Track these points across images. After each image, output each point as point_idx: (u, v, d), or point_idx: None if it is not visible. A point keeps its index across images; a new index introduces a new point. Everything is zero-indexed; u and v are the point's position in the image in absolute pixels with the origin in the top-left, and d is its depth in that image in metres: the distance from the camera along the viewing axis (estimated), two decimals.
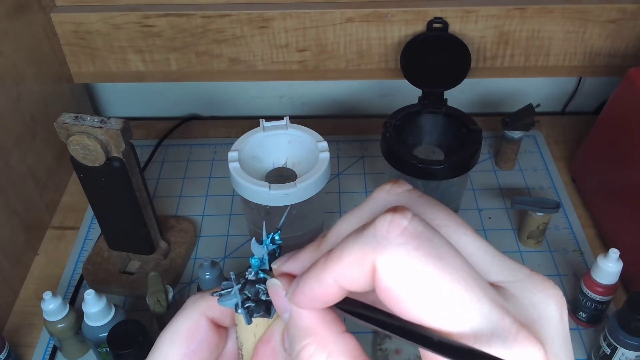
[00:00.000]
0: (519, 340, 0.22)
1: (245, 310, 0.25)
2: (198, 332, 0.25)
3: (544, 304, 0.25)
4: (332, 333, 0.24)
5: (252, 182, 0.65)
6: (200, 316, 0.26)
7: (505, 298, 0.24)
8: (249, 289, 0.25)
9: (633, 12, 0.81)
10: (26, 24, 0.77)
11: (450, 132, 0.76)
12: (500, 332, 0.22)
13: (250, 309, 0.25)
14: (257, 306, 0.25)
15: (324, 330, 0.23)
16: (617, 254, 0.62)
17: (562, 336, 0.26)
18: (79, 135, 0.59)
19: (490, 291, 0.23)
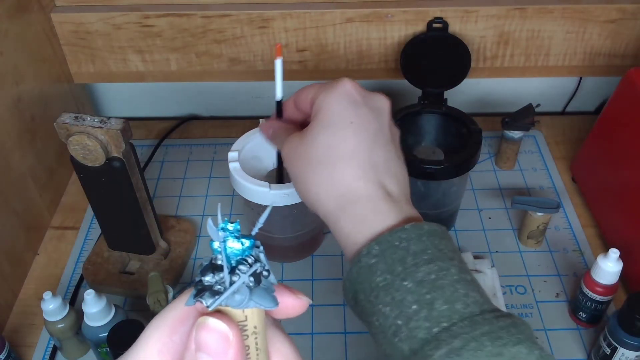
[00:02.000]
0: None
1: (268, 292, 0.24)
2: (183, 323, 0.25)
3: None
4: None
5: (252, 182, 0.65)
6: (186, 309, 0.26)
7: None
8: (244, 275, 0.24)
9: (633, 12, 0.81)
10: (26, 24, 0.77)
11: (450, 132, 0.76)
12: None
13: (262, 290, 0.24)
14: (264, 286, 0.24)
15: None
16: (617, 254, 0.62)
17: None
18: (79, 135, 0.59)
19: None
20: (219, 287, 0.24)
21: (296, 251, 0.76)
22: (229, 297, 0.23)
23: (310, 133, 0.48)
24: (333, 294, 0.72)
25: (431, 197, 0.74)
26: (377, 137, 0.48)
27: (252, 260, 0.24)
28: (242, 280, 0.24)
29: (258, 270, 0.24)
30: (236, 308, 0.24)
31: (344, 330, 0.68)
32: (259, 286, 0.24)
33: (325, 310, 0.70)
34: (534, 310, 0.69)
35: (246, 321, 0.24)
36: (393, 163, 0.49)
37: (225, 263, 0.24)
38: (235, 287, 0.23)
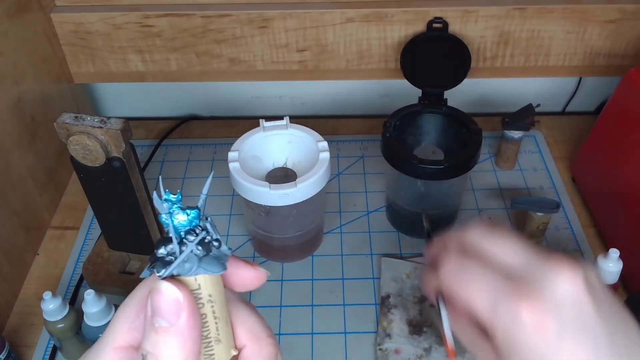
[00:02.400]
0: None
1: (219, 261, 0.25)
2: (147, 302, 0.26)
3: (553, 283, 0.32)
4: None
5: (252, 182, 0.65)
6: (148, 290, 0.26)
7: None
8: (192, 244, 0.25)
9: (633, 12, 0.81)
10: (26, 24, 0.77)
11: (450, 132, 0.76)
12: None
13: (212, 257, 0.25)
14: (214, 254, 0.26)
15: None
16: (617, 254, 0.62)
17: (578, 317, 0.32)
18: (79, 135, 0.59)
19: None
20: (170, 257, 0.25)
21: (296, 251, 0.76)
22: (179, 265, 0.25)
23: None
24: (333, 294, 0.72)
25: (431, 197, 0.74)
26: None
27: (199, 230, 0.25)
28: (190, 248, 0.25)
29: (206, 239, 0.25)
30: (186, 275, 0.25)
31: (344, 330, 0.68)
32: (208, 255, 0.25)
33: (325, 310, 0.70)
34: None
35: (200, 289, 0.25)
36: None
37: (173, 234, 0.25)
38: (183, 256, 0.25)
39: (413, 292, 0.70)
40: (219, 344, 0.26)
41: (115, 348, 0.26)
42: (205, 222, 0.26)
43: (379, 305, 0.70)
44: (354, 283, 0.73)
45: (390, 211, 0.80)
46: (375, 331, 0.68)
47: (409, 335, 0.65)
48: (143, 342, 0.25)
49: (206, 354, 0.26)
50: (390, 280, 0.71)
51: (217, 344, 0.26)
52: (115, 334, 0.27)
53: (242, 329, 0.27)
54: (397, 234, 0.79)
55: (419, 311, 0.68)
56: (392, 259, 0.74)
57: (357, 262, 0.75)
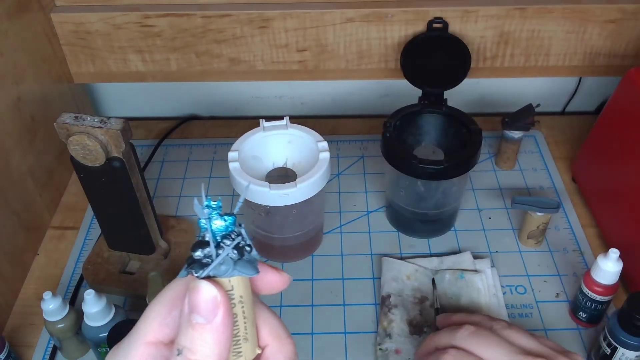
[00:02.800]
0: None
1: (248, 264, 0.27)
2: (180, 299, 0.27)
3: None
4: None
5: (252, 182, 0.65)
6: (183, 286, 0.28)
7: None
8: (228, 248, 0.27)
9: (633, 12, 0.81)
10: (26, 24, 0.77)
11: (450, 132, 0.76)
12: None
13: (246, 261, 0.27)
14: (247, 258, 0.27)
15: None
16: (617, 254, 0.62)
17: None
18: (79, 135, 0.59)
19: None
20: (207, 260, 0.27)
21: (296, 251, 0.76)
22: (216, 267, 0.26)
23: None
24: (333, 294, 0.72)
25: (431, 197, 0.74)
26: None
27: (235, 236, 0.27)
28: (226, 252, 0.27)
29: (240, 244, 0.27)
30: (222, 277, 0.27)
31: (344, 330, 0.68)
32: (242, 258, 0.27)
33: (325, 310, 0.70)
34: (534, 310, 0.69)
35: (233, 290, 0.27)
36: None
37: (211, 238, 0.27)
38: (220, 259, 0.26)
39: (413, 292, 0.70)
40: (247, 342, 0.28)
41: (145, 343, 0.28)
42: (240, 228, 0.28)
43: (379, 305, 0.70)
44: (354, 283, 0.73)
45: (390, 211, 0.80)
46: (375, 331, 0.68)
47: (409, 335, 0.65)
48: (179, 337, 0.26)
49: (234, 352, 0.28)
50: (391, 280, 0.71)
51: (244, 342, 0.28)
52: (146, 329, 0.28)
53: (265, 329, 0.29)
54: (397, 234, 0.79)
55: (420, 311, 0.68)
56: (392, 258, 0.74)
57: (357, 262, 0.75)
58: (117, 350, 0.28)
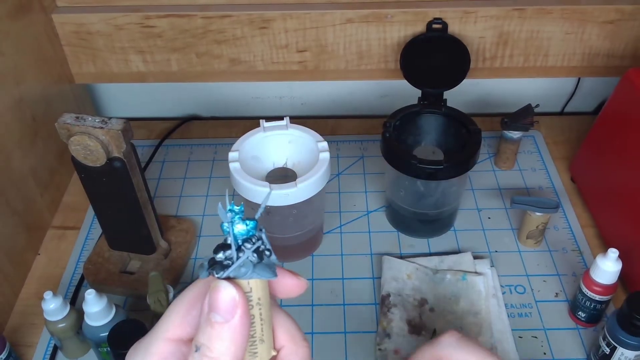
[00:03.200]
0: None
1: (267, 267, 0.28)
2: (201, 299, 0.28)
3: None
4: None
5: (252, 182, 0.65)
6: (205, 286, 0.29)
7: None
8: (248, 251, 0.28)
9: (631, 13, 0.81)
10: (27, 25, 0.77)
11: (450, 132, 0.76)
12: None
13: (265, 264, 0.28)
14: (266, 261, 0.28)
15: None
16: (616, 254, 0.62)
17: None
18: (80, 135, 0.59)
19: None
20: (228, 262, 0.28)
21: (296, 251, 0.76)
22: (236, 269, 0.27)
23: None
24: (333, 294, 0.72)
25: (431, 197, 0.74)
26: None
27: (255, 240, 0.28)
28: (247, 255, 0.27)
29: (260, 248, 0.28)
30: (242, 279, 0.28)
31: (344, 330, 0.68)
32: (261, 262, 0.28)
33: (325, 310, 0.70)
34: (534, 310, 0.69)
35: (251, 292, 0.28)
36: None
37: (232, 241, 0.28)
38: (240, 261, 0.27)
39: (413, 292, 0.70)
40: (263, 343, 0.29)
41: (166, 339, 0.28)
42: (260, 232, 0.29)
43: (378, 305, 0.70)
44: (354, 283, 0.73)
45: (390, 211, 0.80)
46: (375, 331, 0.68)
47: (408, 335, 0.65)
48: (198, 334, 0.27)
49: (251, 352, 0.28)
50: (391, 279, 0.71)
51: (260, 344, 0.29)
52: (168, 325, 0.29)
53: (281, 331, 0.30)
54: (396, 233, 0.79)
55: (419, 314, 0.68)
56: (393, 257, 0.74)
57: (357, 262, 0.76)
58: (139, 345, 0.29)
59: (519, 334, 0.67)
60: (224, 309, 0.27)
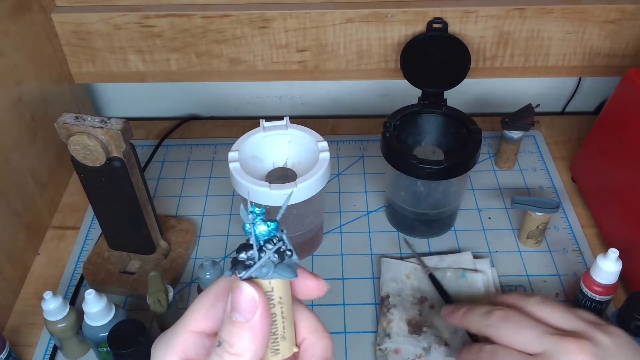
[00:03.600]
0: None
1: (288, 268, 0.29)
2: (224, 295, 0.30)
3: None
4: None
5: (252, 182, 0.65)
6: (230, 283, 0.30)
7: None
8: (270, 252, 0.29)
9: (632, 12, 0.81)
10: (26, 25, 0.77)
11: (450, 132, 0.76)
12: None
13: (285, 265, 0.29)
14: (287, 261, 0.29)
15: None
16: (616, 254, 0.62)
17: None
18: (80, 135, 0.59)
19: None
20: (250, 262, 0.29)
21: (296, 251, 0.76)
22: (257, 269, 0.28)
23: None
24: (333, 294, 0.72)
25: (431, 197, 0.74)
26: None
27: (277, 240, 0.29)
28: (268, 255, 0.29)
29: (282, 248, 0.29)
30: (263, 279, 0.29)
31: (344, 330, 0.68)
32: (282, 262, 0.29)
33: (326, 310, 0.70)
34: None
35: (272, 292, 0.29)
36: None
37: (254, 242, 0.29)
38: (262, 262, 0.28)
39: (413, 292, 0.70)
40: (284, 340, 0.30)
41: (190, 331, 0.30)
42: (282, 233, 0.30)
43: (378, 305, 0.70)
44: (353, 283, 0.73)
45: (390, 211, 0.80)
46: (375, 331, 0.68)
47: (408, 335, 0.65)
48: (221, 331, 0.29)
49: (273, 349, 0.30)
50: (390, 280, 0.71)
51: (282, 341, 0.30)
52: (191, 318, 0.30)
53: (303, 324, 0.32)
54: (397, 234, 0.79)
55: (419, 311, 0.68)
56: (391, 259, 0.74)
57: (357, 262, 0.75)
58: (163, 336, 0.31)
59: None
60: (244, 308, 0.28)
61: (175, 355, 0.29)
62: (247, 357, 0.28)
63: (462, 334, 0.65)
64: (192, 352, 0.30)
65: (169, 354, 0.29)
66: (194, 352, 0.30)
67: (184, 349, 0.30)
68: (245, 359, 0.28)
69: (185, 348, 0.30)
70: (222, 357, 0.28)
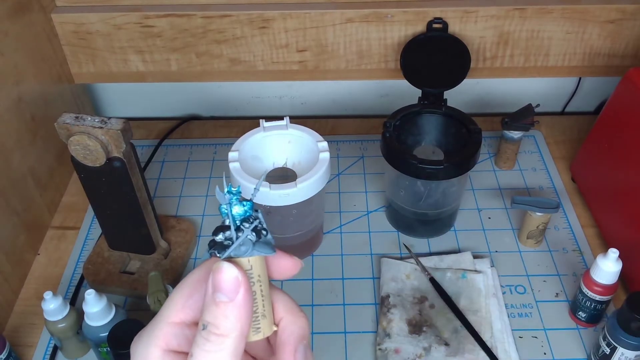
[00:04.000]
0: None
1: (268, 244, 0.29)
2: (201, 283, 0.30)
3: None
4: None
5: (252, 182, 0.65)
6: (205, 271, 0.30)
7: None
8: (247, 230, 0.29)
9: (632, 12, 0.81)
10: (27, 25, 0.77)
11: (450, 132, 0.76)
12: None
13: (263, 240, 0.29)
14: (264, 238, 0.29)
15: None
16: (616, 254, 0.62)
17: None
18: (80, 135, 0.59)
19: None
20: (228, 242, 0.29)
21: (296, 251, 0.76)
22: (236, 248, 0.29)
23: None
24: (333, 294, 0.72)
25: (431, 197, 0.74)
26: None
27: (252, 219, 0.29)
28: (246, 234, 0.29)
29: (258, 226, 0.29)
30: (242, 257, 0.29)
31: (344, 330, 0.68)
32: (259, 240, 0.29)
33: (325, 310, 0.70)
34: (534, 310, 0.69)
35: (252, 270, 0.29)
36: None
37: (231, 221, 0.29)
38: (240, 240, 0.29)
39: (413, 292, 0.70)
40: (265, 318, 0.30)
41: (169, 323, 0.30)
42: (257, 213, 0.30)
43: (378, 305, 0.70)
44: (353, 283, 0.73)
45: (390, 211, 0.80)
46: (375, 331, 0.68)
47: (408, 335, 0.65)
48: (204, 314, 0.28)
49: (254, 327, 0.30)
50: (390, 280, 0.71)
51: (263, 319, 0.30)
52: (170, 310, 0.30)
53: (279, 304, 0.31)
54: (397, 234, 0.79)
55: (419, 311, 0.68)
56: (391, 259, 0.74)
57: (357, 262, 0.75)
58: (142, 332, 0.30)
59: (519, 334, 0.67)
60: (227, 288, 0.28)
61: (158, 348, 0.29)
62: (234, 337, 0.28)
63: (463, 334, 0.65)
64: (174, 343, 0.30)
65: (151, 347, 0.29)
66: (176, 343, 0.30)
67: (166, 341, 0.29)
68: (232, 339, 0.28)
69: (167, 340, 0.29)
70: (208, 339, 0.28)
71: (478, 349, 0.64)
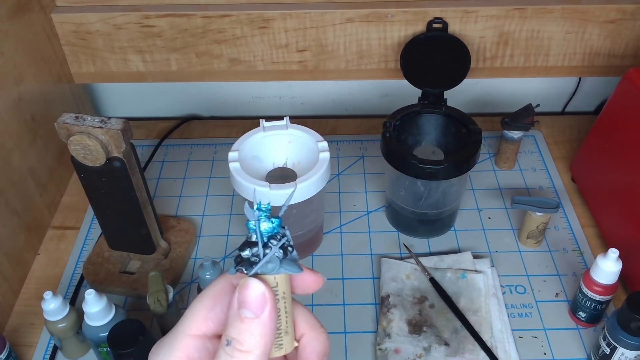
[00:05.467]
0: None
1: (294, 263, 0.29)
2: (224, 295, 0.30)
3: None
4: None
5: (252, 182, 0.65)
6: (227, 283, 0.30)
7: None
8: (275, 247, 0.29)
9: (632, 13, 0.81)
10: (27, 25, 0.77)
11: (450, 132, 0.76)
12: None
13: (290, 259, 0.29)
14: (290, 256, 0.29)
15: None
16: (616, 254, 0.62)
17: None
18: (80, 135, 0.59)
19: None
20: (255, 258, 0.29)
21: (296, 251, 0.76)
22: (264, 265, 0.28)
23: None
24: (333, 294, 0.72)
25: (431, 197, 0.74)
26: None
27: (280, 236, 0.29)
28: (274, 251, 0.29)
29: (285, 244, 0.29)
30: (269, 274, 0.29)
31: (344, 330, 0.68)
32: (286, 257, 0.29)
33: (325, 310, 0.70)
34: (534, 310, 0.69)
35: (277, 287, 0.29)
36: None
37: (259, 238, 0.29)
38: (268, 257, 0.28)
39: (413, 292, 0.70)
40: (287, 335, 0.30)
41: (190, 335, 0.29)
42: (284, 229, 0.30)
43: (378, 305, 0.70)
44: (353, 283, 0.73)
45: (390, 211, 0.80)
46: (375, 331, 0.68)
47: (408, 335, 0.65)
48: (228, 329, 0.28)
49: (276, 344, 0.30)
50: (390, 280, 0.71)
51: (285, 335, 0.30)
52: (191, 322, 0.30)
53: (300, 320, 0.32)
54: (397, 234, 0.79)
55: (419, 311, 0.68)
56: (391, 259, 0.74)
57: (357, 262, 0.75)
58: (161, 343, 0.30)
59: (519, 334, 0.67)
60: (254, 304, 0.28)
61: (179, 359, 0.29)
62: (257, 354, 0.28)
63: (463, 334, 0.65)
64: (195, 355, 0.29)
65: (172, 359, 0.29)
66: (197, 356, 0.29)
67: (187, 353, 0.29)
68: (255, 356, 0.28)
69: (188, 352, 0.29)
70: (232, 355, 0.27)
71: (478, 349, 0.64)
